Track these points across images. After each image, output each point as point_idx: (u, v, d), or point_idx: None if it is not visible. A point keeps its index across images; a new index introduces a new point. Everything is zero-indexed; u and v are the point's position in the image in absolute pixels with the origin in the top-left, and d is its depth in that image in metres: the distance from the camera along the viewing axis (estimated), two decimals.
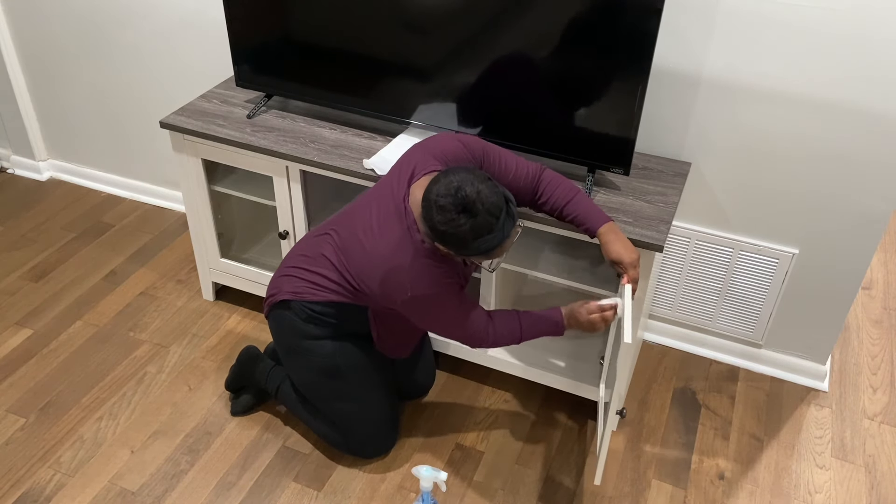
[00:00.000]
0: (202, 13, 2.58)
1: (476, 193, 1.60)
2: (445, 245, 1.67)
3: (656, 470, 2.14)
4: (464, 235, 1.62)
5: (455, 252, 1.68)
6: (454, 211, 1.60)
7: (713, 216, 2.25)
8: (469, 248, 1.65)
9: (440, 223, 1.62)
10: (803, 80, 1.95)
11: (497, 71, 1.99)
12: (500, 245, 1.67)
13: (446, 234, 1.63)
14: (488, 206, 1.60)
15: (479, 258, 1.71)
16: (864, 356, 2.55)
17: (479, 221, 1.61)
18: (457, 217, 1.60)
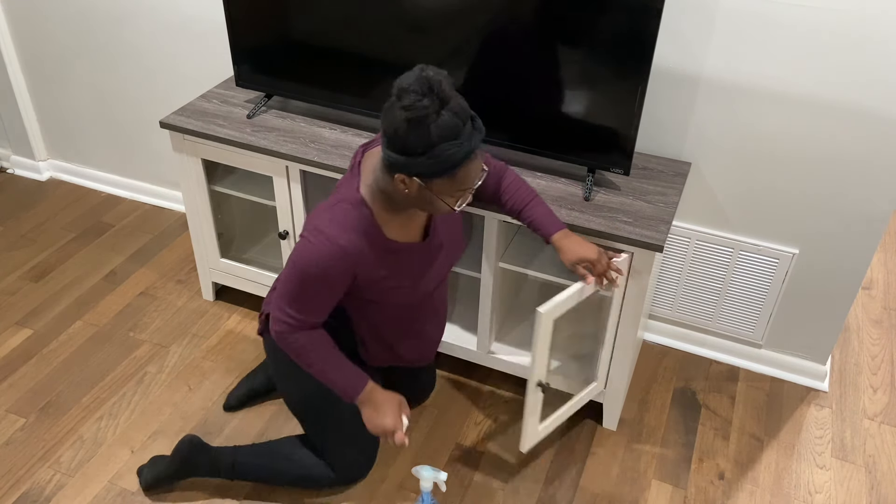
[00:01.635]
0: (202, 13, 2.58)
1: (442, 80, 1.43)
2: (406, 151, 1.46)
3: (656, 470, 2.14)
4: (430, 132, 1.43)
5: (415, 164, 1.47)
6: (419, 92, 1.41)
7: (713, 216, 2.25)
8: (432, 154, 1.45)
9: (405, 110, 1.42)
10: (803, 80, 1.95)
11: (497, 71, 1.99)
12: (464, 164, 1.49)
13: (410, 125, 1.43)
14: (455, 103, 1.45)
15: (443, 182, 1.50)
16: (864, 356, 2.55)
17: (446, 120, 1.43)
18: (422, 99, 1.41)
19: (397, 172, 1.50)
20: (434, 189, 1.52)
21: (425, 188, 1.52)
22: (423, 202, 1.57)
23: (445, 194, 1.54)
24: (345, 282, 1.66)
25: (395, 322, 1.86)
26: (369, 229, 1.63)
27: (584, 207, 1.96)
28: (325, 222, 1.61)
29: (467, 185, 1.54)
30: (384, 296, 1.75)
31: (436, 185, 1.51)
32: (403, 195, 1.56)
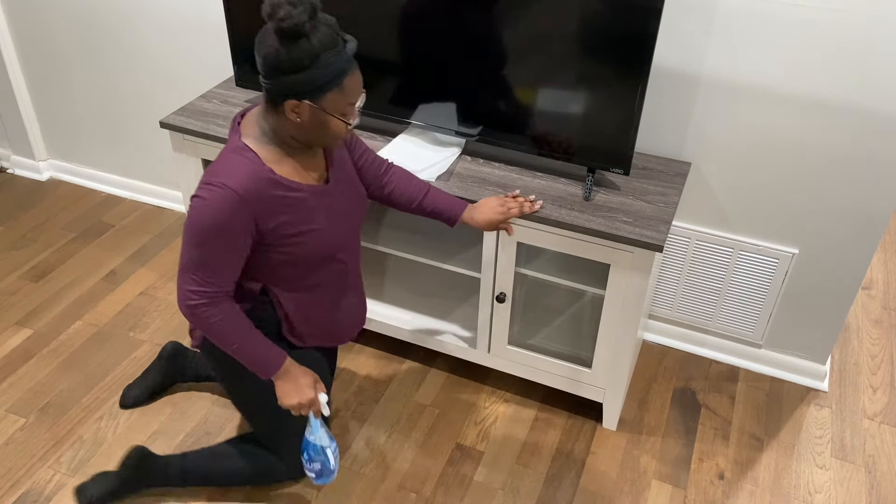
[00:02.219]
0: (202, 13, 2.58)
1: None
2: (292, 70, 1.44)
3: (656, 470, 2.14)
4: (311, 41, 1.43)
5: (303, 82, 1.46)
6: (289, 2, 1.40)
7: (713, 216, 2.26)
8: (317, 66, 1.45)
9: (282, 21, 1.40)
10: (803, 80, 1.95)
11: (497, 70, 1.99)
12: (350, 72, 1.51)
13: (291, 36, 1.42)
14: (325, 16, 1.46)
15: (334, 96, 1.50)
16: (864, 356, 2.55)
17: (322, 28, 1.44)
18: (295, 7, 1.40)
19: (286, 99, 1.48)
20: (326, 107, 1.51)
21: (317, 108, 1.51)
22: (316, 128, 1.55)
23: (337, 111, 1.53)
24: (245, 230, 1.56)
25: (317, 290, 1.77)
26: (258, 170, 1.55)
27: (584, 207, 1.97)
28: (209, 176, 1.54)
29: (355, 97, 1.56)
30: (294, 248, 1.65)
31: (327, 102, 1.51)
32: (296, 126, 1.54)
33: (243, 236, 1.58)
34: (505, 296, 2.11)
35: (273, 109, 1.53)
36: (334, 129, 1.56)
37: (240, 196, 1.52)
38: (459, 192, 2.00)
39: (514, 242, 2.02)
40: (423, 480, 2.09)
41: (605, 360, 2.11)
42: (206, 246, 1.55)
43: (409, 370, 2.42)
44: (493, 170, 2.11)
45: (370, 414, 2.27)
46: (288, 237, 1.64)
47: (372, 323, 2.40)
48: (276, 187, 1.58)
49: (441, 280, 2.53)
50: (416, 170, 2.06)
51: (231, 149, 1.57)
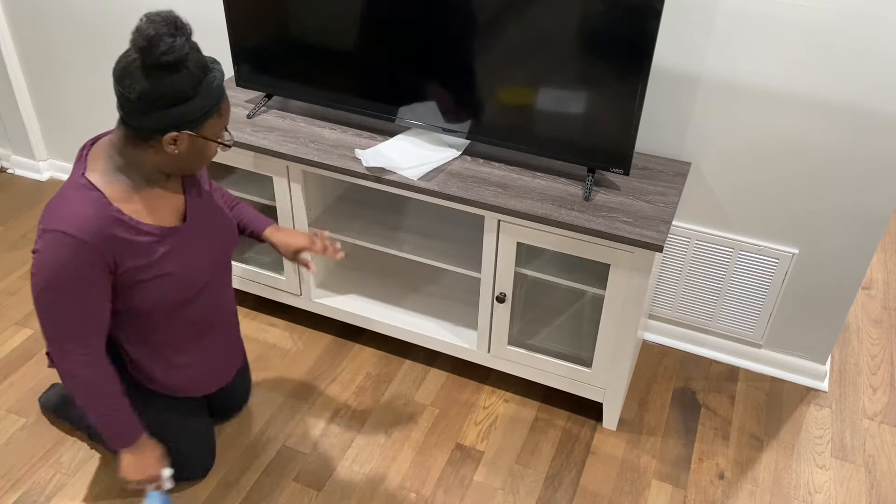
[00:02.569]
0: (202, 13, 2.58)
1: (173, 14, 1.38)
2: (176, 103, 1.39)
3: (656, 470, 2.14)
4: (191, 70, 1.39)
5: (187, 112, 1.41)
6: (169, 35, 1.36)
7: (713, 216, 2.26)
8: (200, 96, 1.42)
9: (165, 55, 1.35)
10: (803, 80, 1.95)
11: (497, 70, 1.99)
12: (224, 94, 1.48)
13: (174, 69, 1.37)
14: (190, 31, 1.41)
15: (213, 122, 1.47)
16: (864, 356, 2.55)
17: (196, 53, 1.41)
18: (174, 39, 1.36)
19: (164, 133, 1.43)
20: (207, 133, 1.48)
21: (196, 136, 1.47)
22: (193, 156, 1.51)
23: (216, 135, 1.51)
24: (101, 277, 1.47)
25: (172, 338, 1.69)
26: (102, 210, 1.46)
27: (584, 207, 1.97)
28: (46, 221, 1.43)
29: (228, 118, 1.53)
30: (142, 296, 1.56)
31: (207, 129, 1.48)
32: (170, 158, 1.48)
33: (100, 282, 1.47)
34: (505, 296, 2.11)
35: (141, 144, 1.46)
36: (210, 154, 1.54)
37: (82, 241, 1.42)
38: (459, 192, 2.00)
39: (514, 242, 2.02)
40: (423, 480, 2.09)
41: (605, 360, 2.11)
42: (60, 302, 1.44)
43: (409, 370, 2.42)
44: (493, 170, 2.11)
45: (370, 414, 2.27)
46: (137, 283, 1.54)
47: (372, 323, 2.40)
48: (123, 229, 1.49)
49: (441, 280, 2.53)
50: (402, 167, 2.06)
51: (72, 185, 1.46)
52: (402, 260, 2.61)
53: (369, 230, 2.34)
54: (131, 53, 1.40)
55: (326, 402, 2.30)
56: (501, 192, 2.01)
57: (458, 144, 2.20)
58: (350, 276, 2.55)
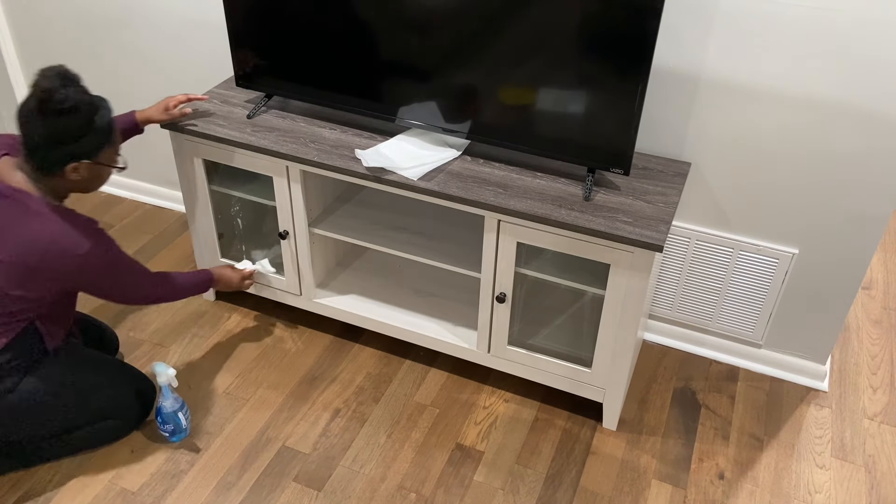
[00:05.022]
0: (202, 13, 2.58)
1: (62, 68, 1.72)
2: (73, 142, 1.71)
3: (656, 470, 2.14)
4: (83, 112, 1.71)
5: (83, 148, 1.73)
6: (62, 87, 1.68)
7: (713, 216, 2.26)
8: (93, 133, 1.73)
9: (60, 104, 1.66)
10: (803, 80, 1.95)
11: (497, 70, 1.99)
12: (114, 126, 1.80)
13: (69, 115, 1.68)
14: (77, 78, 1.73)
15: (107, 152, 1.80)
16: (864, 356, 2.55)
17: (83, 97, 1.71)
18: (67, 89, 1.68)
19: (65, 165, 1.75)
20: (102, 160, 1.81)
21: (94, 164, 1.79)
22: (94, 180, 1.85)
23: (111, 161, 1.85)
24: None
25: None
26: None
27: (584, 207, 1.97)
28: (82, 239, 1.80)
29: (119, 144, 1.85)
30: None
31: (103, 157, 1.81)
32: (75, 183, 1.81)
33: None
34: (505, 296, 2.11)
35: (49, 175, 1.77)
36: (107, 176, 1.88)
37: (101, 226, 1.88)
38: (459, 192, 2.00)
39: (514, 242, 2.02)
40: (423, 480, 2.09)
41: (605, 360, 2.11)
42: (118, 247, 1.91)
43: (409, 370, 2.42)
44: (493, 170, 2.11)
45: (370, 414, 2.27)
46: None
47: (372, 323, 2.40)
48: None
49: (441, 280, 2.53)
50: (402, 167, 2.06)
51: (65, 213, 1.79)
52: (402, 260, 2.61)
53: (369, 230, 2.34)
54: (31, 103, 1.69)
55: (326, 402, 2.30)
56: (501, 192, 2.01)
57: (458, 144, 2.20)
58: (350, 276, 2.55)
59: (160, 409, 2.09)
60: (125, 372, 2.14)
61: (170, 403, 2.09)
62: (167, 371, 2.05)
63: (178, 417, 2.11)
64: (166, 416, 2.10)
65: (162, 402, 2.09)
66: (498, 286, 2.12)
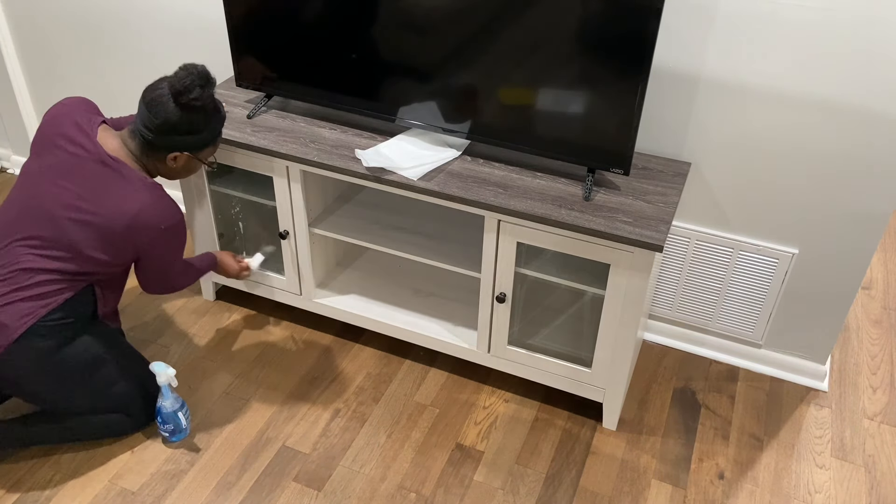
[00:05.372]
0: (202, 13, 2.58)
1: (205, 69, 1.82)
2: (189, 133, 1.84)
3: (656, 470, 2.14)
4: (208, 112, 1.84)
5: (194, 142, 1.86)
6: (201, 87, 1.79)
7: (713, 216, 2.26)
8: (208, 130, 1.87)
9: (195, 101, 1.78)
10: (803, 80, 1.95)
11: (496, 70, 1.99)
12: (222, 132, 1.98)
13: (197, 112, 1.82)
14: (213, 84, 1.84)
15: (209, 150, 1.93)
16: (864, 356, 2.55)
17: (212, 101, 1.85)
18: (204, 90, 1.80)
19: (170, 152, 1.86)
20: (202, 157, 1.94)
21: (193, 158, 1.92)
22: (185, 171, 1.96)
23: (207, 159, 1.97)
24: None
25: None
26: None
27: (584, 207, 1.97)
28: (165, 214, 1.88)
29: (218, 144, 1.97)
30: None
31: (203, 154, 1.94)
32: (168, 168, 1.92)
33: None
34: (505, 296, 2.11)
35: (151, 153, 1.88)
36: (195, 171, 2.01)
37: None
38: (459, 192, 2.00)
39: (514, 242, 2.02)
40: (423, 480, 2.09)
41: (605, 360, 2.11)
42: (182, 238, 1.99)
43: (409, 370, 2.42)
44: (494, 170, 2.11)
45: (370, 414, 2.27)
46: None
47: (372, 323, 2.40)
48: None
49: (441, 280, 2.53)
50: (402, 167, 2.06)
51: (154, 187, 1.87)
52: (402, 260, 2.61)
53: (369, 230, 2.34)
54: (164, 89, 1.80)
55: (326, 402, 2.30)
56: (501, 192, 2.01)
57: (458, 144, 2.20)
58: (350, 276, 2.55)
59: (160, 409, 2.09)
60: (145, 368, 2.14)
61: (170, 403, 2.09)
62: (167, 371, 2.05)
63: (178, 417, 2.11)
64: (166, 416, 2.10)
65: (162, 402, 2.09)
66: (498, 286, 2.12)
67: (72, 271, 1.88)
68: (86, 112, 1.91)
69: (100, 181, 1.83)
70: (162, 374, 2.05)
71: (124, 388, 2.06)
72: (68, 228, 1.84)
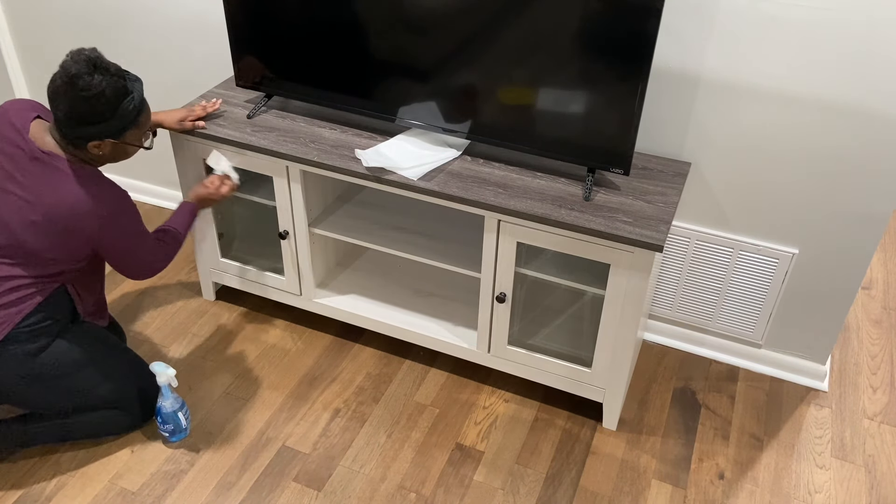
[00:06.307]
0: (202, 13, 2.58)
1: (96, 52, 1.75)
2: (94, 122, 1.75)
3: (656, 470, 2.14)
4: (109, 98, 1.74)
5: (105, 130, 1.77)
6: (88, 74, 1.71)
7: (713, 216, 2.26)
8: (116, 116, 1.77)
9: (83, 91, 1.71)
10: (803, 81, 1.95)
11: (496, 70, 1.99)
12: (143, 110, 1.83)
13: (91, 101, 1.72)
14: (109, 65, 1.75)
15: (132, 132, 1.84)
16: (864, 356, 2.55)
17: (114, 82, 1.74)
18: (92, 77, 1.71)
19: (88, 142, 1.79)
20: (126, 140, 1.85)
21: (118, 143, 1.84)
22: (118, 155, 1.88)
23: (136, 141, 1.88)
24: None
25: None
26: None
27: (584, 207, 1.97)
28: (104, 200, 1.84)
29: (148, 126, 1.90)
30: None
31: (127, 137, 1.84)
32: (98, 157, 1.85)
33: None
34: (505, 296, 2.11)
35: (73, 145, 1.81)
36: (132, 152, 1.91)
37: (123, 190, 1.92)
38: (459, 192, 2.00)
39: (514, 242, 2.02)
40: (423, 480, 2.09)
41: (605, 360, 2.11)
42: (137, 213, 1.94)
43: (409, 370, 2.42)
44: (493, 170, 2.11)
45: (370, 414, 2.27)
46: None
47: (372, 323, 2.40)
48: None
49: (441, 280, 2.53)
50: (402, 167, 2.06)
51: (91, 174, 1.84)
52: (402, 260, 2.61)
53: (369, 230, 2.34)
54: (58, 82, 1.73)
55: (326, 402, 2.30)
56: (501, 192, 2.01)
57: (458, 144, 2.20)
58: (350, 276, 2.55)
59: (160, 409, 2.09)
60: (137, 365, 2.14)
61: (170, 403, 2.09)
62: (167, 371, 2.05)
63: (178, 417, 2.11)
64: (166, 416, 2.10)
65: (162, 402, 2.09)
66: (498, 286, 2.12)
67: (36, 275, 1.88)
68: (20, 111, 1.88)
69: (37, 178, 1.81)
70: (162, 374, 2.04)
71: (114, 384, 2.06)
72: (20, 233, 1.83)
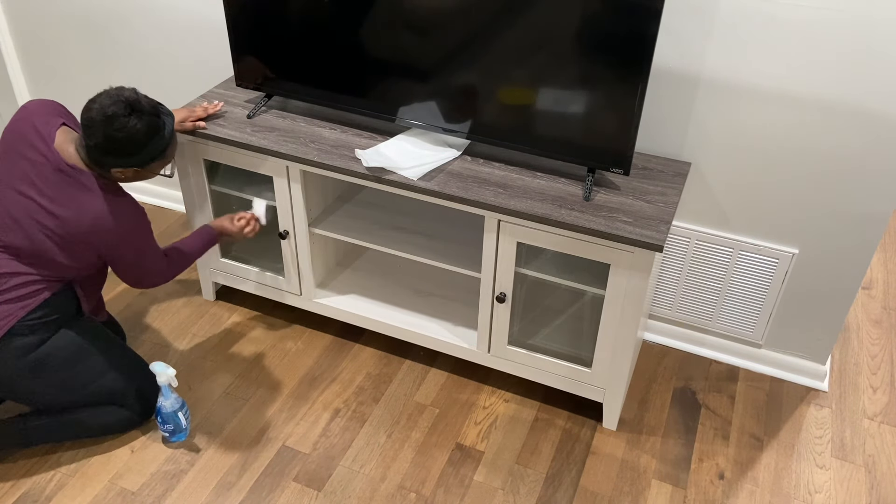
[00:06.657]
0: (203, 13, 2.58)
1: (135, 94, 1.80)
2: (123, 156, 1.81)
3: (656, 470, 2.14)
4: (140, 138, 1.79)
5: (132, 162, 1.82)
6: (124, 116, 1.76)
7: (713, 216, 2.26)
8: (145, 152, 1.83)
9: (117, 131, 1.76)
10: (803, 81, 1.95)
11: (496, 71, 1.99)
12: (169, 144, 1.88)
13: (123, 141, 1.78)
14: (147, 105, 1.81)
15: (156, 164, 1.89)
16: (864, 356, 2.55)
17: (148, 121, 1.80)
18: (128, 119, 1.77)
19: (112, 168, 1.84)
20: (151, 169, 1.90)
21: (141, 171, 1.89)
22: (137, 178, 1.91)
23: (158, 168, 1.93)
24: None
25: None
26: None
27: (584, 207, 1.97)
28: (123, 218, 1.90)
29: (173, 155, 1.94)
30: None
31: (152, 167, 1.90)
32: (120, 178, 1.88)
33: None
34: (505, 296, 2.11)
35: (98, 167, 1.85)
36: (152, 176, 1.97)
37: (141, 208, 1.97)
38: (459, 192, 2.00)
39: (514, 242, 2.02)
40: (423, 480, 2.09)
41: (605, 360, 2.11)
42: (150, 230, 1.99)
43: (409, 370, 2.42)
44: (493, 170, 2.11)
45: (370, 414, 2.27)
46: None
47: (372, 323, 2.40)
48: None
49: (441, 280, 2.53)
50: (402, 167, 2.06)
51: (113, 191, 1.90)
52: (402, 260, 2.61)
53: (369, 230, 2.34)
54: (94, 114, 1.77)
55: (326, 402, 2.31)
56: (501, 192, 2.01)
57: (458, 144, 2.20)
58: (350, 276, 2.55)
59: (160, 409, 2.09)
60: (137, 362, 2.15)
61: (170, 403, 2.09)
62: (167, 371, 2.05)
63: (178, 417, 2.11)
64: (166, 416, 2.10)
65: (162, 402, 2.09)
66: (498, 286, 2.12)
67: (46, 274, 1.93)
68: (45, 115, 1.91)
69: (59, 190, 1.85)
70: (162, 374, 2.04)
71: (113, 379, 2.06)
72: (35, 236, 1.87)
